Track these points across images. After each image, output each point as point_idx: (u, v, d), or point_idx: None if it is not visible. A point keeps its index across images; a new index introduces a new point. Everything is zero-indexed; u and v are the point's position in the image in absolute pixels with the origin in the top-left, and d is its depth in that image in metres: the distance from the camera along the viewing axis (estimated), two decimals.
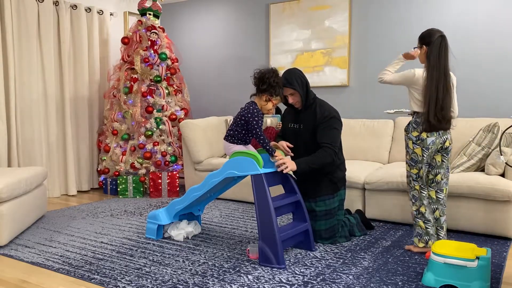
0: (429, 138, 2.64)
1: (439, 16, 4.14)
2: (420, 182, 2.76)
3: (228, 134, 2.92)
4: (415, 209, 2.79)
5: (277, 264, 2.49)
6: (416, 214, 2.78)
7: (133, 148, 4.70)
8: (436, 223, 2.80)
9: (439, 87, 2.59)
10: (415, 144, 2.69)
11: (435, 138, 2.64)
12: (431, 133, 2.63)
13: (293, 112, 3.08)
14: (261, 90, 2.79)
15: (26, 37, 4.36)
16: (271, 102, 2.81)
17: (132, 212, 3.93)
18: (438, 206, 2.78)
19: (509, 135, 3.26)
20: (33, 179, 3.36)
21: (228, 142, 2.92)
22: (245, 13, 5.31)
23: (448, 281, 2.13)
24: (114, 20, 5.34)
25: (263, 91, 2.79)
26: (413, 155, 2.72)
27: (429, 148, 2.66)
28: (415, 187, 2.78)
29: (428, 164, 2.73)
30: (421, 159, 2.69)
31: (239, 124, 2.86)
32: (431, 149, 2.66)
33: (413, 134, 2.69)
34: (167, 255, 2.75)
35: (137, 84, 4.71)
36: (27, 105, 4.39)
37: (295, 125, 3.03)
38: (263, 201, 2.55)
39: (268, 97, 2.79)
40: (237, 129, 2.87)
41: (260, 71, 2.80)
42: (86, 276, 2.39)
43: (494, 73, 3.93)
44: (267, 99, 2.80)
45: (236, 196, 4.36)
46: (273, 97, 2.79)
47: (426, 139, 2.64)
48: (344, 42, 4.61)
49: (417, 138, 2.67)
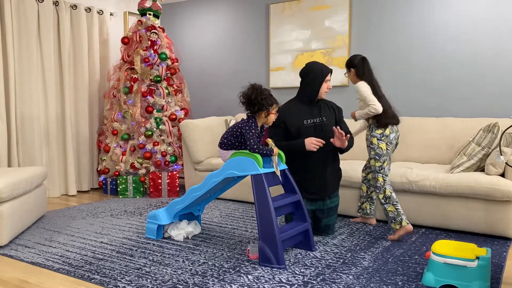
0: (391, 134, 3.09)
1: (439, 16, 4.14)
2: (382, 173, 3.09)
3: (222, 142, 2.92)
4: (382, 196, 3.07)
5: (277, 264, 2.49)
6: (385, 199, 3.06)
7: (133, 148, 4.70)
8: (371, 201, 3.41)
9: (379, 92, 3.13)
10: (379, 140, 3.09)
11: (395, 133, 3.11)
12: (391, 129, 3.09)
13: (304, 108, 3.06)
14: (256, 111, 2.79)
15: (26, 37, 4.36)
16: (271, 114, 2.82)
17: (132, 212, 3.93)
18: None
19: (509, 135, 3.26)
20: (33, 179, 3.36)
21: (222, 150, 2.93)
22: (245, 13, 5.31)
23: (448, 281, 2.14)
24: (114, 20, 5.34)
25: (258, 111, 2.79)
26: (378, 150, 3.09)
27: (392, 142, 3.10)
28: (378, 178, 3.09)
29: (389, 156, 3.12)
30: (385, 152, 3.08)
31: (234, 134, 2.87)
32: (393, 143, 3.11)
33: (377, 131, 3.09)
34: (167, 255, 2.75)
35: (137, 84, 4.71)
36: (27, 105, 4.39)
37: (315, 120, 3.06)
38: (263, 201, 2.55)
39: (265, 113, 2.80)
40: (231, 139, 2.88)
41: (244, 95, 2.80)
42: (86, 276, 2.39)
43: (494, 73, 3.94)
44: (265, 114, 2.80)
45: (236, 196, 4.36)
46: (270, 110, 2.80)
47: (389, 135, 3.09)
48: (344, 42, 4.61)
49: (382, 135, 3.08)
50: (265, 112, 2.79)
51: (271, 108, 2.80)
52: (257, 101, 2.75)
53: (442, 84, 4.17)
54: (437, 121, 3.99)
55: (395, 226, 3.02)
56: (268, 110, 2.79)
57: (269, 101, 2.78)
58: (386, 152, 3.07)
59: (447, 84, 4.14)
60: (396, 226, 3.02)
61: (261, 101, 2.75)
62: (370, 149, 3.14)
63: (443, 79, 4.16)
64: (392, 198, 3.03)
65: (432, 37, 4.19)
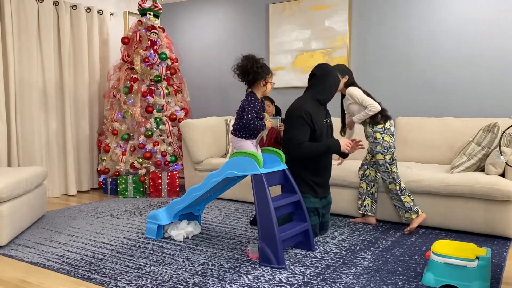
0: (391, 126, 3.25)
1: (439, 16, 4.14)
2: (394, 163, 3.21)
3: (234, 128, 2.93)
4: (398, 188, 3.20)
5: (277, 264, 2.49)
6: (401, 191, 3.20)
7: (133, 148, 4.70)
8: (373, 197, 3.43)
9: (367, 92, 3.32)
10: (383, 133, 3.22)
11: (392, 127, 3.28)
12: (389, 122, 3.25)
13: (319, 108, 3.03)
14: (252, 81, 2.78)
15: (26, 37, 4.36)
16: (268, 83, 2.82)
17: (132, 212, 3.93)
18: (375, 184, 3.42)
19: (509, 135, 3.26)
20: (33, 179, 3.36)
21: (236, 137, 2.93)
22: (245, 13, 5.31)
23: (448, 281, 2.14)
24: (114, 20, 5.34)
25: (254, 81, 2.78)
26: (384, 143, 3.20)
27: (394, 134, 3.26)
28: (392, 170, 3.21)
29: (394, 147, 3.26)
30: (392, 144, 3.21)
31: (240, 115, 2.86)
32: (394, 135, 3.27)
33: (378, 126, 3.22)
34: (167, 255, 2.75)
35: (137, 84, 4.71)
36: (27, 105, 4.39)
37: (327, 120, 3.13)
38: (263, 201, 2.55)
39: (263, 82, 2.80)
40: (240, 122, 2.88)
41: (238, 66, 2.79)
42: (86, 276, 2.39)
43: (494, 73, 3.94)
44: (263, 83, 2.80)
45: (236, 196, 4.36)
46: (267, 79, 2.79)
47: (390, 128, 3.24)
48: (344, 42, 4.61)
49: (383, 129, 3.22)
50: (262, 81, 2.78)
51: (268, 77, 2.78)
52: (253, 70, 2.74)
53: (442, 84, 4.17)
54: (437, 121, 3.98)
55: (412, 216, 3.15)
56: (265, 79, 2.78)
57: (265, 70, 2.77)
58: (392, 144, 3.21)
59: (447, 84, 4.15)
60: (413, 216, 3.14)
61: (257, 70, 2.74)
62: (375, 144, 3.24)
63: (443, 79, 4.16)
64: (407, 189, 3.21)
65: (432, 37, 4.19)
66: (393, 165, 3.20)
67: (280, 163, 2.84)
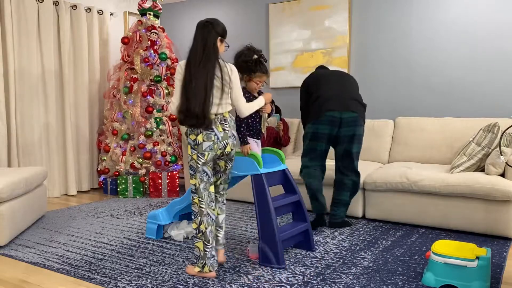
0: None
1: (439, 16, 4.14)
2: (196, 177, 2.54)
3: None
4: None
5: (277, 264, 2.49)
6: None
7: (133, 148, 4.70)
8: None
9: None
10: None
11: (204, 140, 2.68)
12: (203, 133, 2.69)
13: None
14: (241, 72, 2.67)
15: (26, 37, 4.36)
16: (252, 81, 2.69)
17: (132, 212, 3.93)
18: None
19: (509, 135, 3.26)
20: (33, 179, 3.36)
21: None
22: (245, 13, 5.31)
23: (448, 281, 2.14)
24: (114, 20, 5.34)
25: (242, 73, 2.67)
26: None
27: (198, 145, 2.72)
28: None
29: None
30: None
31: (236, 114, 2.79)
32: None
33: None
34: (167, 255, 2.75)
35: (137, 84, 4.71)
36: (27, 104, 4.39)
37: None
38: (263, 201, 2.55)
39: (247, 77, 2.68)
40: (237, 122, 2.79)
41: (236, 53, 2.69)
42: (86, 276, 2.39)
43: (494, 73, 3.94)
44: (246, 79, 2.69)
45: (236, 196, 4.36)
46: (251, 76, 2.67)
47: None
48: (344, 42, 4.61)
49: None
50: (245, 76, 2.68)
51: (253, 75, 2.67)
52: (238, 62, 2.66)
53: (442, 84, 4.17)
54: (437, 121, 3.98)
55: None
56: (249, 75, 2.67)
57: (250, 67, 2.65)
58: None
59: (447, 84, 4.14)
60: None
61: (242, 63, 2.65)
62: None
63: (443, 79, 4.16)
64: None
65: (432, 37, 4.19)
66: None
67: (280, 163, 2.83)
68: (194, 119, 2.27)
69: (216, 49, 2.37)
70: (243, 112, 2.50)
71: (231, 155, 2.48)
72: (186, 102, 2.28)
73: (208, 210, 2.38)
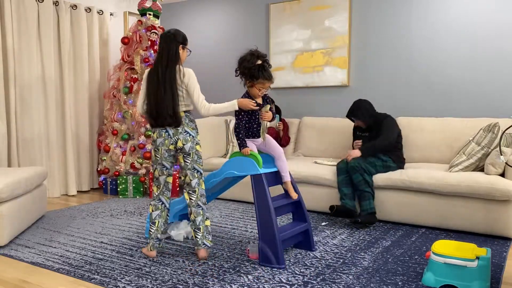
0: (158, 138, 2.76)
1: (439, 16, 4.14)
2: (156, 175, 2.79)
3: (234, 128, 2.87)
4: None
5: (277, 264, 2.49)
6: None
7: (133, 148, 4.70)
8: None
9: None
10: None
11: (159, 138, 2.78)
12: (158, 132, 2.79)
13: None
14: (244, 77, 2.69)
15: (26, 37, 4.36)
16: (254, 87, 2.67)
17: (132, 212, 3.93)
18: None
19: (509, 135, 3.26)
20: (33, 179, 3.36)
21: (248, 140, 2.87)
22: (245, 13, 5.31)
23: (448, 281, 2.14)
24: (114, 20, 5.34)
25: (246, 78, 2.68)
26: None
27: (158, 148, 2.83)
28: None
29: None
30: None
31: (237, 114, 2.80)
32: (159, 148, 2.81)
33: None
34: (167, 255, 2.75)
35: (137, 84, 4.71)
36: (27, 104, 4.39)
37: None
38: (263, 201, 2.55)
39: (250, 83, 2.67)
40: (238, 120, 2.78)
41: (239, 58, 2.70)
42: (86, 276, 2.39)
43: (494, 73, 3.93)
44: (248, 84, 2.69)
45: (236, 196, 4.36)
46: (254, 82, 2.65)
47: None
48: (344, 42, 4.61)
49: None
50: (248, 82, 2.68)
51: (255, 81, 2.64)
52: (241, 69, 2.67)
53: (442, 84, 4.17)
54: (437, 121, 3.98)
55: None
56: (252, 82, 2.66)
57: (254, 73, 2.63)
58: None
59: (447, 84, 4.14)
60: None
61: (244, 70, 2.65)
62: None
63: (443, 79, 4.16)
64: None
65: (432, 37, 4.19)
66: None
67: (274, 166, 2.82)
68: (167, 119, 2.58)
69: (177, 56, 2.63)
70: (202, 113, 2.71)
71: (186, 150, 2.67)
72: (156, 106, 2.58)
73: (161, 196, 2.75)
